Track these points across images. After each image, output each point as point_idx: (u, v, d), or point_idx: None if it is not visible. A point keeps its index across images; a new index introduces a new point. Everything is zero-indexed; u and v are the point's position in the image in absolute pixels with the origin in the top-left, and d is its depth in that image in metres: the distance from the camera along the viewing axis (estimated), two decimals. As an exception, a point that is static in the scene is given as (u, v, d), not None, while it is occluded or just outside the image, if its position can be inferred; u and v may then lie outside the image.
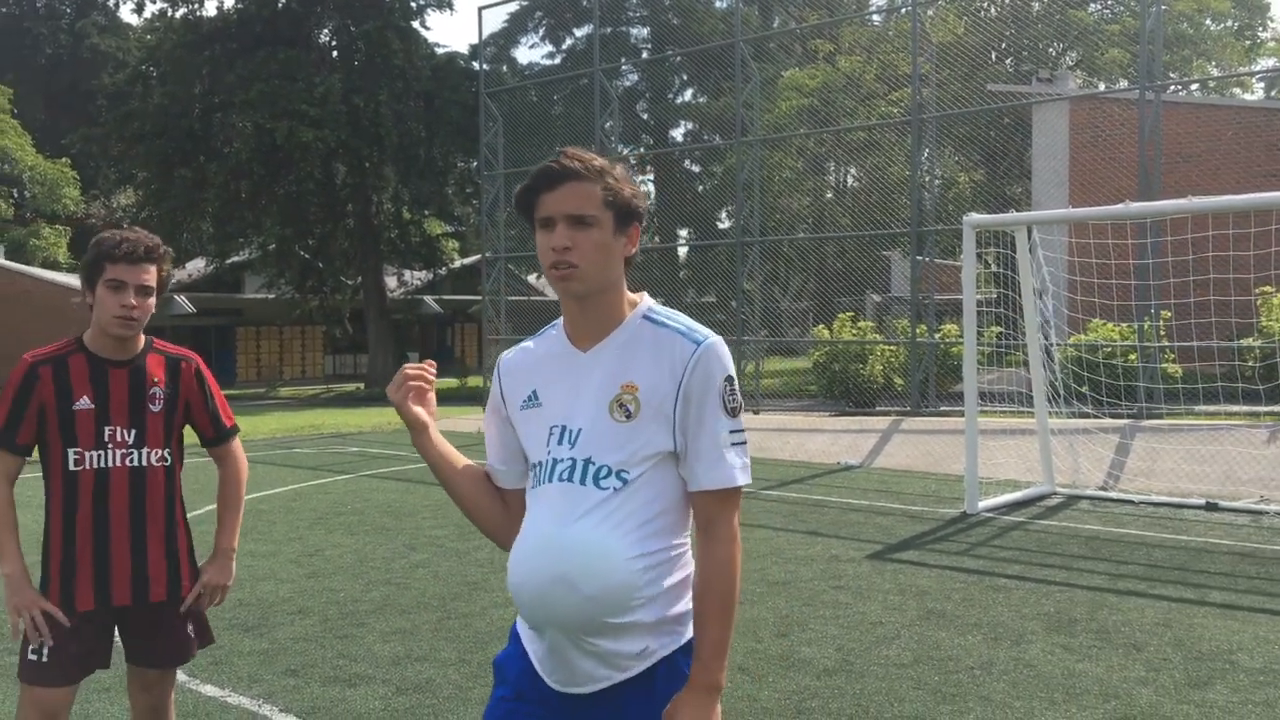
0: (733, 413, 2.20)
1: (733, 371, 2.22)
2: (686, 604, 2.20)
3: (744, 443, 2.22)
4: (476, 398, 24.09)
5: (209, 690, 5.11)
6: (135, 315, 3.23)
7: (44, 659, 3.21)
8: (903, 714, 4.70)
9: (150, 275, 3.26)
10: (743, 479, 2.19)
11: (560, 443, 2.21)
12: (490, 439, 2.43)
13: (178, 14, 32.81)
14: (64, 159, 45.21)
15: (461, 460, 2.42)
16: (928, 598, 6.67)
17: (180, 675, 5.28)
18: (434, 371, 2.39)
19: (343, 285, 34.35)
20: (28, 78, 52.14)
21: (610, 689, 2.19)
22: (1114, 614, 6.23)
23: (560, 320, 2.34)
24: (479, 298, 26.17)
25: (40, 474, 3.32)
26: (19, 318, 37.98)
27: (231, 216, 32.00)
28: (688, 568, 2.23)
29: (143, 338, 3.39)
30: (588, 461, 2.17)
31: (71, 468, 3.23)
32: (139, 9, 45.84)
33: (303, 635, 6.02)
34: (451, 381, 34.61)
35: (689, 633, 2.21)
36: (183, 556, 3.40)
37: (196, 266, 38.73)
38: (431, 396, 2.37)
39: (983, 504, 9.76)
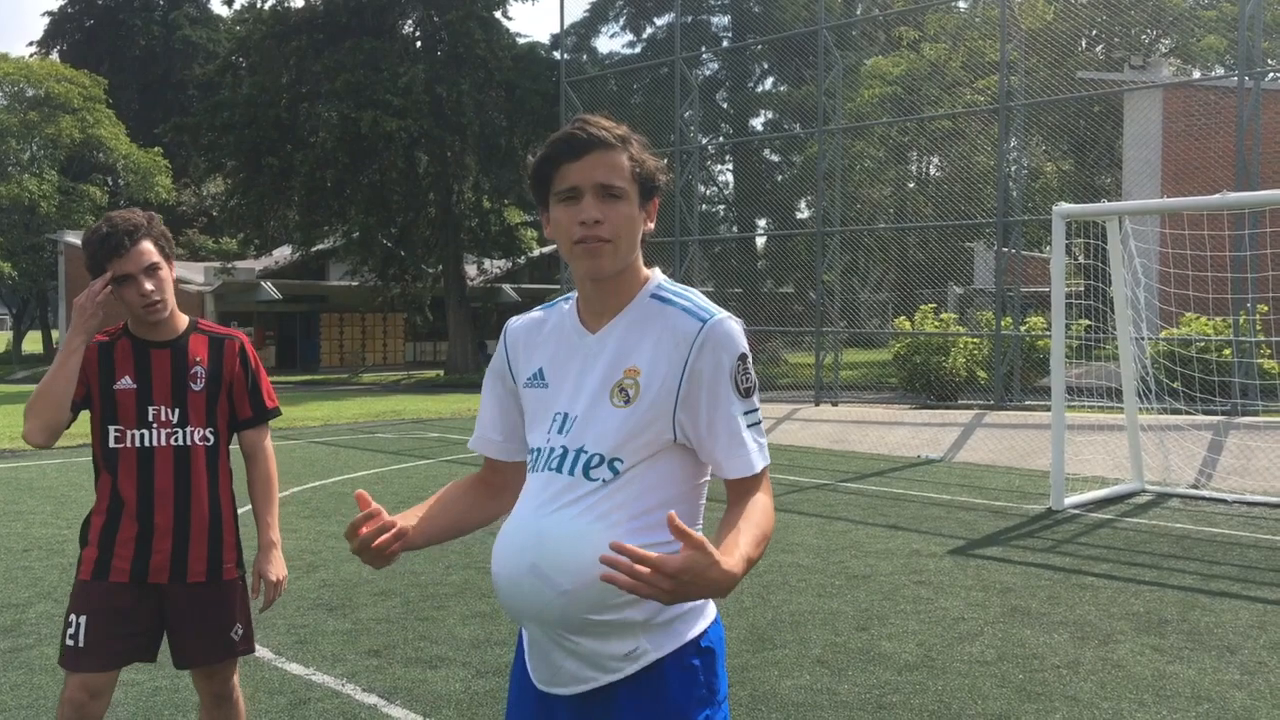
0: (746, 393, 2.03)
1: (745, 349, 2.03)
2: (689, 603, 2.02)
3: (759, 423, 2.05)
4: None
5: (294, 669, 5.21)
6: (156, 299, 3.22)
7: (80, 643, 3.20)
8: (986, 711, 4.62)
9: (149, 253, 3.21)
10: (760, 463, 2.03)
11: (560, 431, 2.07)
12: (487, 407, 2.28)
13: (266, 5, 33.49)
14: (156, 148, 46.41)
15: (429, 513, 2.22)
16: (1011, 594, 6.54)
17: (266, 653, 5.41)
18: (372, 519, 2.06)
19: (424, 273, 34.78)
20: (122, 69, 53.59)
21: (597, 691, 2.03)
22: (1206, 615, 6.06)
23: (574, 295, 2.20)
24: (557, 286, 26.31)
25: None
26: (112, 302, 39.08)
27: (317, 205, 32.57)
28: None
29: (185, 319, 3.39)
30: (579, 450, 2.02)
31: (111, 445, 3.26)
32: (229, 1, 46.89)
33: (384, 616, 6.10)
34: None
35: (692, 632, 2.04)
36: (227, 538, 3.36)
37: (283, 254, 39.52)
38: (387, 537, 2.07)
39: (1069, 500, 9.56)
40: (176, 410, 3.28)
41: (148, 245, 3.21)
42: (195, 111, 35.41)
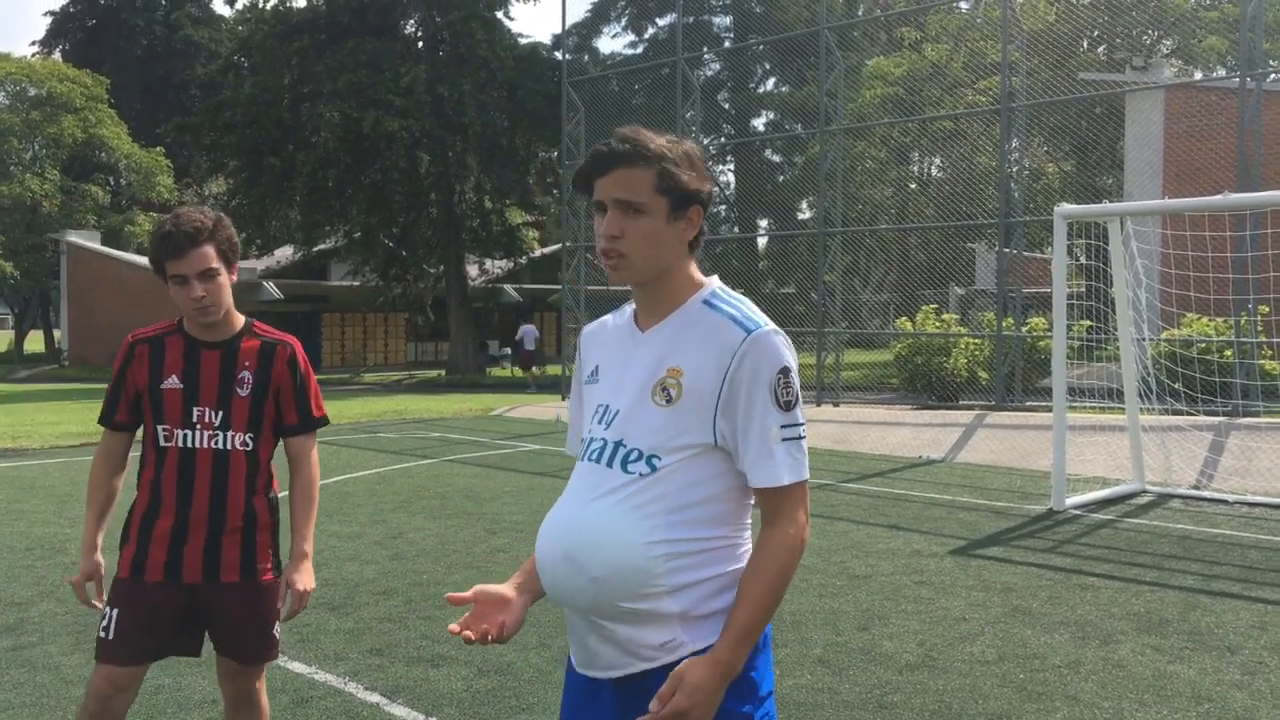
0: (785, 406, 2.06)
1: (789, 362, 2.08)
2: (734, 600, 2.08)
3: (798, 438, 2.08)
4: (554, 386, 24.24)
5: (296, 667, 5.22)
6: (206, 303, 3.22)
7: (110, 636, 3.25)
8: (987, 711, 4.63)
9: (206, 258, 3.19)
10: (789, 478, 2.05)
11: (599, 422, 2.16)
12: (573, 412, 2.41)
13: (268, 5, 33.52)
14: (158, 148, 46.43)
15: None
16: (1013, 594, 6.55)
17: (269, 651, 5.42)
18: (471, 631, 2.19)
19: (425, 273, 34.79)
20: (124, 68, 53.58)
21: (633, 677, 2.09)
22: (1207, 615, 6.07)
23: None
24: (558, 287, 26.33)
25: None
26: (114, 301, 39.15)
27: (319, 204, 32.59)
28: (739, 562, 2.10)
29: (241, 319, 3.38)
30: (619, 444, 2.10)
31: (161, 444, 3.29)
32: (231, 1, 46.93)
33: (387, 616, 6.12)
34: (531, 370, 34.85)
35: None
36: (261, 543, 3.37)
37: (284, 254, 39.57)
38: (495, 619, 2.21)
39: (1070, 501, 9.56)
40: (220, 413, 3.28)
41: (207, 250, 3.20)
42: (197, 111, 35.45)
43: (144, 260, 41.08)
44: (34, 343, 54.06)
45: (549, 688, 4.91)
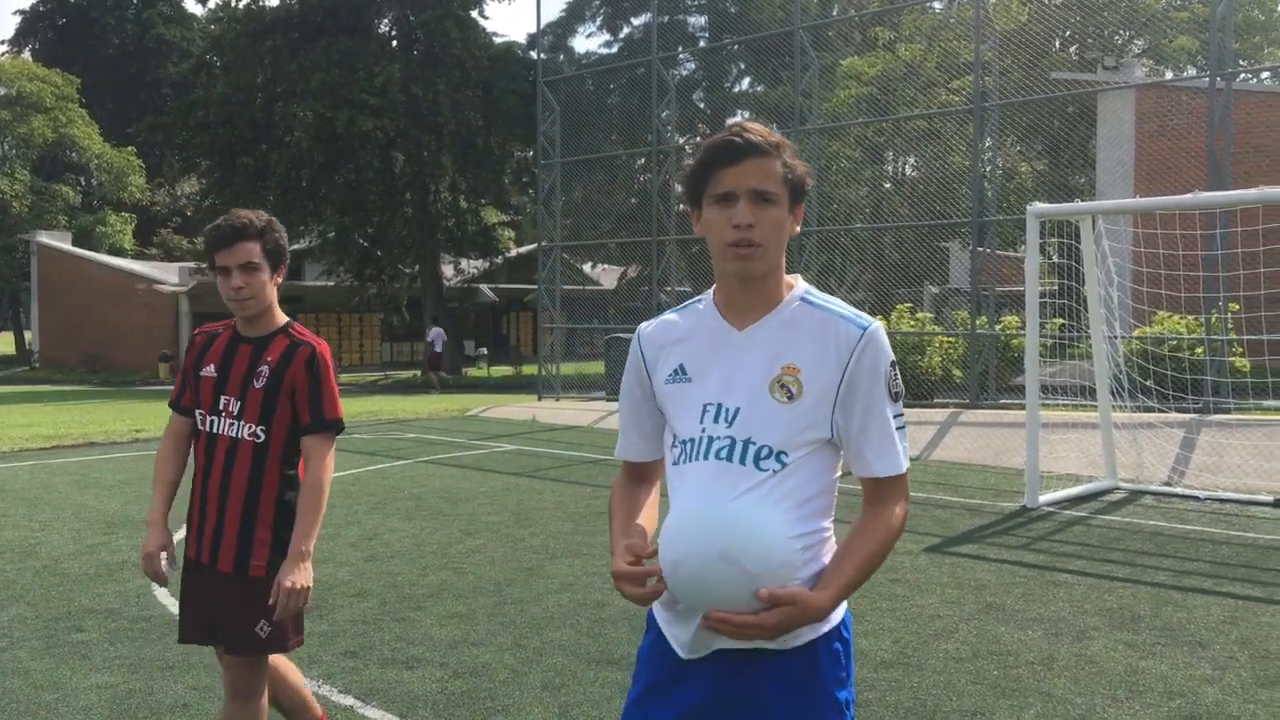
0: (896, 397, 2.19)
1: (893, 356, 2.20)
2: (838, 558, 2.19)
3: (904, 427, 2.21)
4: (530, 386, 24.20)
5: (269, 670, 5.18)
6: (243, 295, 3.39)
7: (178, 613, 3.56)
8: (961, 708, 4.65)
9: (249, 252, 3.38)
10: (905, 464, 2.21)
11: (716, 421, 2.17)
12: (625, 414, 2.40)
13: (240, 4, 33.30)
14: (130, 147, 46.13)
15: (638, 525, 2.34)
16: (986, 592, 6.58)
17: (242, 655, 5.38)
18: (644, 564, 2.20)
19: (400, 273, 34.64)
20: (95, 68, 53.17)
21: (745, 651, 2.15)
22: (1179, 611, 6.11)
23: (707, 295, 2.29)
24: (534, 286, 26.27)
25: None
26: (85, 302, 38.82)
27: (292, 204, 32.39)
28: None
29: (281, 320, 3.55)
30: (748, 442, 2.13)
31: (198, 426, 3.52)
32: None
33: (361, 618, 6.08)
34: (506, 369, 34.82)
35: (836, 619, 2.21)
36: (260, 539, 3.41)
37: (258, 254, 39.30)
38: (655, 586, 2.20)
39: (1043, 498, 9.62)
40: (239, 403, 3.44)
41: (250, 245, 3.40)
42: (169, 110, 35.16)
43: (116, 261, 40.86)
44: (4, 344, 53.53)
45: (523, 689, 4.89)
